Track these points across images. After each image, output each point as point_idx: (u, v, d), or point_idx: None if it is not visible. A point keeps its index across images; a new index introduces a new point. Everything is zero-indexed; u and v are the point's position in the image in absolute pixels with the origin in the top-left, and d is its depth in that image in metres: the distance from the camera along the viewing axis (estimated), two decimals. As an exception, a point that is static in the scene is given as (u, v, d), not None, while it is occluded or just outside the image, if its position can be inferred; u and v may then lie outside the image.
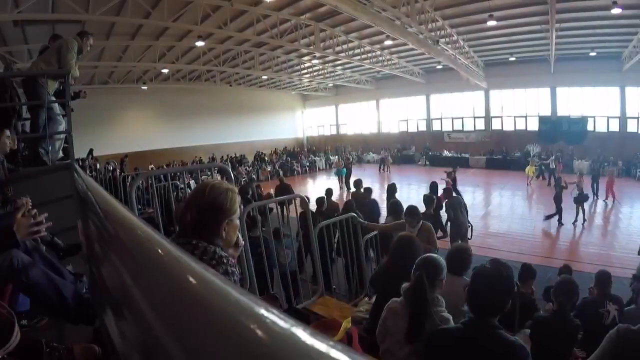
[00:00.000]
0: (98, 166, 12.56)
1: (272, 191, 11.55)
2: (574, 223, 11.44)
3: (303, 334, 0.31)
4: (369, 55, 18.75)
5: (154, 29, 13.48)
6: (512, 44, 18.44)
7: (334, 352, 0.29)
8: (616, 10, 12.23)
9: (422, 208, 6.60)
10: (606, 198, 14.37)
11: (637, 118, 21.08)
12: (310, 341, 0.30)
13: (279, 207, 9.93)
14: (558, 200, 11.43)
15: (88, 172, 11.25)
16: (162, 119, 24.32)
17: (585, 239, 10.68)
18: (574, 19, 13.96)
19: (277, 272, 4.92)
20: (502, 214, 13.29)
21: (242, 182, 16.49)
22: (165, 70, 18.69)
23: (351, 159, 21.39)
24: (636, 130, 21.13)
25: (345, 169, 19.32)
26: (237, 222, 1.67)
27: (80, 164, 14.20)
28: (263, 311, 0.35)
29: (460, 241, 7.78)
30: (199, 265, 0.50)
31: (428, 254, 2.51)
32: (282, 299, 4.26)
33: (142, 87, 20.66)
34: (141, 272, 0.63)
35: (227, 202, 1.59)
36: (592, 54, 19.18)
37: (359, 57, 18.24)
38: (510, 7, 13.23)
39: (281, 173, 22.88)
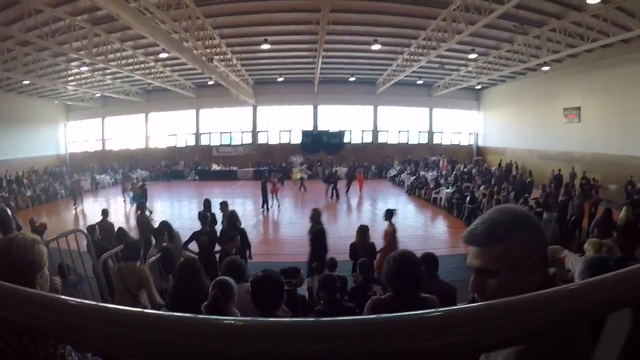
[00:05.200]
0: None
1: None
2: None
3: None
4: (142, 66, 17.70)
5: None
6: (282, 66, 20.83)
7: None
8: (376, 46, 15.55)
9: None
10: (360, 190, 18.44)
11: (387, 131, 27.46)
12: None
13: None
14: (264, 191, 14.43)
15: None
16: None
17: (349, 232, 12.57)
18: (339, 49, 17.03)
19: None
20: (274, 221, 14.18)
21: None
22: None
23: (144, 183, 18.38)
24: (386, 141, 27.36)
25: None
26: (47, 271, 1.58)
27: None
28: None
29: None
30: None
31: (220, 277, 2.90)
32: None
33: None
34: None
35: (37, 256, 1.49)
36: (352, 79, 23.77)
37: (131, 67, 16.93)
38: (284, 33, 15.00)
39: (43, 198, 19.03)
